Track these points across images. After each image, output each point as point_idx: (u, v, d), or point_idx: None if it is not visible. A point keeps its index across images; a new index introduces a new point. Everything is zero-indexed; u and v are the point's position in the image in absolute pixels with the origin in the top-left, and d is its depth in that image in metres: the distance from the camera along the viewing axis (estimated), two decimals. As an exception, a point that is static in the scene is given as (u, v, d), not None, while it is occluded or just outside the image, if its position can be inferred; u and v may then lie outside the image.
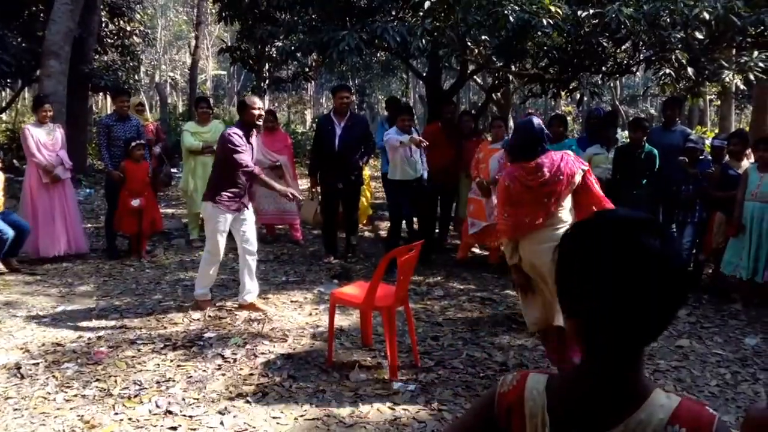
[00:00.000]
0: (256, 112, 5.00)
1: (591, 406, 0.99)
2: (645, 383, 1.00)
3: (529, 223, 3.58)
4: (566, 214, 3.64)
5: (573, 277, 0.99)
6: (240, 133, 4.96)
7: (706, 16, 6.15)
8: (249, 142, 5.07)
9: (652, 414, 0.96)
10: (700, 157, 6.08)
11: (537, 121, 3.72)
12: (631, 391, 0.98)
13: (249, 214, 5.23)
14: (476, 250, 7.39)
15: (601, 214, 1.00)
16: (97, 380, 3.77)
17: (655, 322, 0.96)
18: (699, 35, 6.53)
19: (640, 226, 0.95)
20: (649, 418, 0.96)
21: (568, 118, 8.85)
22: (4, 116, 17.49)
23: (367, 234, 8.65)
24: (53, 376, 3.81)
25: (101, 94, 16.96)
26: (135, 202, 6.69)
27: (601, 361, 0.99)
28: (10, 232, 5.99)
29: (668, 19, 6.49)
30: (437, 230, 7.73)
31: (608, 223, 0.97)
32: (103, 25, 14.42)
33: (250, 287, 5.20)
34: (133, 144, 6.69)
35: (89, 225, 8.44)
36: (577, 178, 3.60)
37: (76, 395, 3.57)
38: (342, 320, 4.88)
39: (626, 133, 8.41)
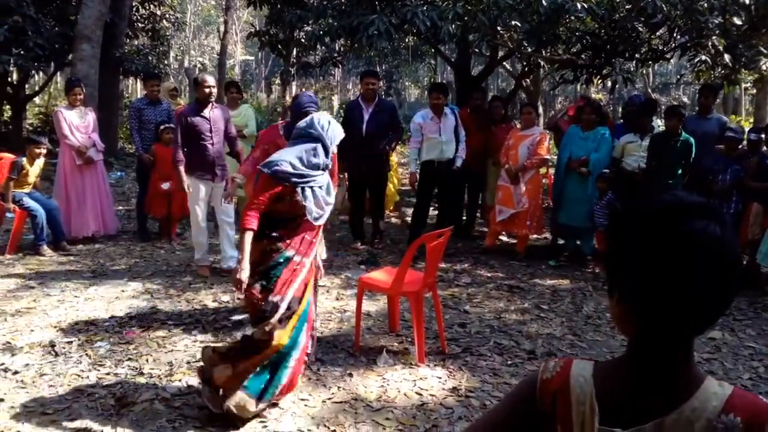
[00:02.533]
0: (207, 90, 5.53)
1: (642, 394, 0.97)
2: (696, 371, 0.97)
3: None
4: None
5: (627, 261, 0.96)
6: (182, 116, 5.51)
7: (746, 0, 5.99)
8: (205, 117, 5.57)
9: (706, 402, 0.94)
10: (739, 147, 5.95)
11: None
12: (683, 379, 0.96)
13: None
14: (504, 238, 7.34)
15: (655, 195, 0.97)
16: (129, 359, 3.83)
17: (711, 309, 0.93)
18: (737, 21, 6.38)
19: (699, 212, 0.92)
20: (703, 405, 0.94)
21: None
22: (37, 99, 17.79)
23: (394, 220, 8.65)
24: (86, 354, 3.88)
25: (132, 78, 17.16)
26: (165, 185, 6.76)
27: (653, 349, 0.97)
28: (40, 210, 6.15)
29: (706, 4, 6.34)
30: (464, 217, 7.69)
31: (666, 207, 0.94)
32: (134, 9, 14.54)
33: (231, 253, 5.70)
34: (163, 128, 6.76)
35: (120, 207, 8.57)
36: None
37: (108, 373, 3.64)
38: (369, 306, 4.89)
39: (659, 121, 8.26)
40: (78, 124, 6.64)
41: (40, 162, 6.41)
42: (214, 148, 5.63)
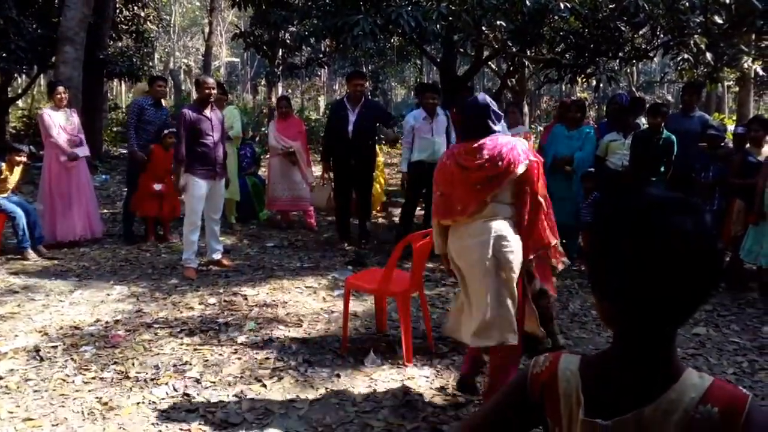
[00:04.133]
0: (207, 90, 5.74)
1: (624, 386, 0.99)
2: (677, 363, 1.00)
3: (460, 210, 3.19)
4: (503, 208, 3.20)
5: (605, 258, 0.98)
6: (186, 114, 5.67)
7: (726, -1, 6.06)
8: (206, 116, 5.76)
9: (684, 393, 0.96)
10: (721, 145, 6.01)
11: (483, 97, 3.33)
12: (664, 371, 0.98)
13: (220, 186, 5.96)
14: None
15: (634, 194, 0.99)
16: (115, 363, 3.81)
17: (688, 302, 0.95)
18: (718, 19, 6.44)
19: (674, 207, 0.93)
20: (681, 397, 0.95)
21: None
22: (20, 102, 17.61)
23: (380, 220, 8.66)
24: (71, 359, 3.85)
25: (116, 80, 17.04)
26: (157, 187, 6.81)
27: (634, 343, 0.99)
28: (18, 211, 6.10)
29: (687, 3, 6.41)
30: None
31: (641, 204, 0.96)
32: (118, 11, 14.45)
33: (216, 247, 6.08)
34: (166, 132, 6.79)
35: (105, 210, 8.51)
36: (520, 169, 3.12)
37: (94, 378, 3.61)
38: (356, 306, 4.90)
39: (643, 119, 8.33)
40: (65, 125, 6.60)
41: (19, 169, 6.37)
42: (215, 147, 5.81)
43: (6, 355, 3.89)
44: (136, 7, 15.19)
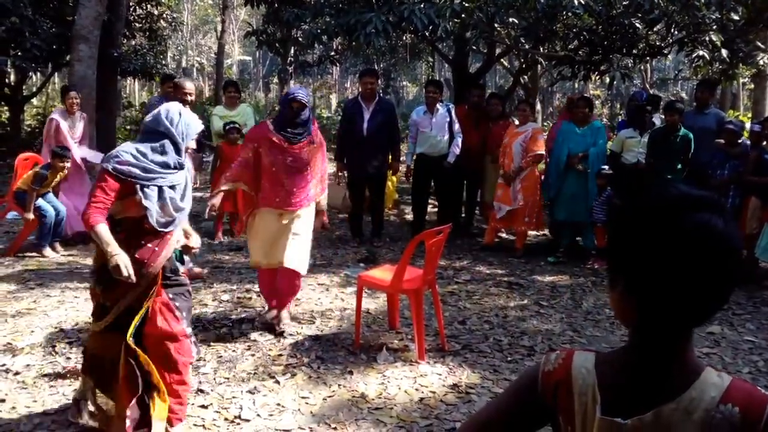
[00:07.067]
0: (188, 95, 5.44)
1: (642, 384, 0.98)
2: (696, 362, 0.99)
3: None
4: None
5: (631, 255, 0.97)
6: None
7: (743, -5, 6.00)
8: None
9: (704, 392, 0.95)
10: (738, 141, 5.96)
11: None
12: (683, 370, 0.97)
13: None
14: (503, 235, 7.35)
15: (661, 190, 0.98)
16: (130, 359, 3.83)
17: (714, 300, 0.94)
18: (735, 16, 6.37)
19: (703, 204, 0.93)
20: (702, 396, 0.95)
21: (596, 102, 8.54)
22: (34, 101, 17.76)
23: (392, 218, 8.65)
24: (87, 355, 3.88)
25: (130, 78, 17.14)
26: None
27: (654, 340, 0.98)
28: (50, 212, 6.15)
29: (703, 0, 6.35)
30: (463, 214, 7.70)
31: (670, 200, 0.95)
32: (131, 9, 14.51)
33: None
34: (228, 127, 6.93)
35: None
36: None
37: (109, 373, 3.64)
38: (369, 303, 4.90)
39: (660, 117, 8.27)
40: (68, 131, 6.67)
41: (61, 173, 6.42)
42: None
43: (23, 350, 3.93)
44: (149, 5, 15.24)
